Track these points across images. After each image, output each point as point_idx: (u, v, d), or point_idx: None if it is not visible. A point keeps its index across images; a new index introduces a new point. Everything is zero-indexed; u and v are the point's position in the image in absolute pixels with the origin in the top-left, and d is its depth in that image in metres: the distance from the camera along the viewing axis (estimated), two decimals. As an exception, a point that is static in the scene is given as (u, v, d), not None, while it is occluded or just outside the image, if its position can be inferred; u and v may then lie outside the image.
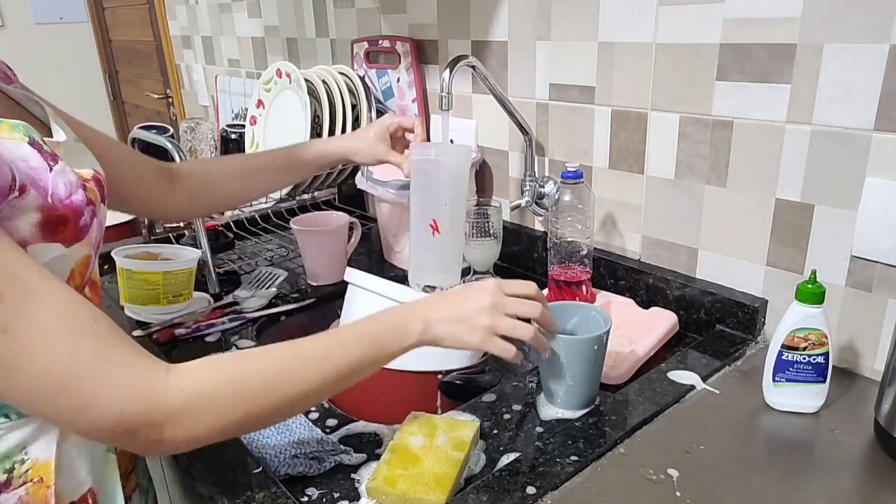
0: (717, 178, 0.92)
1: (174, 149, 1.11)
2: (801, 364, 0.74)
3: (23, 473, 0.59)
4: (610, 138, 1.04)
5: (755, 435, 0.73)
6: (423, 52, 1.33)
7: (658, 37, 0.93)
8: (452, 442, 0.69)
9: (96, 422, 0.50)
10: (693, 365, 0.85)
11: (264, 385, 0.56)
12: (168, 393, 0.52)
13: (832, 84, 0.78)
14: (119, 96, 3.48)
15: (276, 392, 0.56)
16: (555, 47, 1.07)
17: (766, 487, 0.64)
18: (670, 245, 1.00)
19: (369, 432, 0.77)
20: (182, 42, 2.40)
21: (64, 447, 0.62)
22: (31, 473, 0.60)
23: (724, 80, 0.88)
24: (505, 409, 0.80)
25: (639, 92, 0.98)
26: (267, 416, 0.57)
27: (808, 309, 0.72)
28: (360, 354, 0.62)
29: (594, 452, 0.70)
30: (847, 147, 0.78)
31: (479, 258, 1.11)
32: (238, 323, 1.06)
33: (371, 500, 0.65)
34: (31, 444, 0.60)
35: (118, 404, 0.50)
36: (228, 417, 0.54)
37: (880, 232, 0.77)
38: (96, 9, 3.30)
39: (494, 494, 0.64)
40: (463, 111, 1.27)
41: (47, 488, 0.60)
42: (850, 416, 0.75)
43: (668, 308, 0.98)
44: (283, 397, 0.57)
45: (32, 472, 0.60)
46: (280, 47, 1.82)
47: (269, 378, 0.56)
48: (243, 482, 0.68)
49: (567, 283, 1.00)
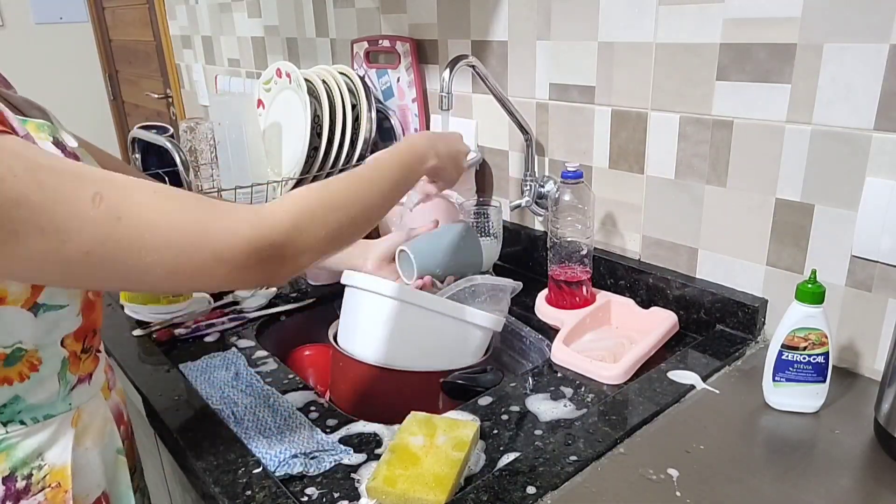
0: (717, 177, 0.92)
1: (174, 149, 1.11)
2: (801, 364, 0.74)
3: (41, 479, 0.60)
4: (610, 138, 1.04)
5: (755, 435, 0.73)
6: (423, 52, 1.33)
7: (658, 37, 0.93)
8: (452, 442, 0.69)
9: (233, 260, 0.54)
10: (693, 365, 0.85)
11: (343, 198, 0.64)
12: (275, 215, 0.57)
13: (832, 84, 0.78)
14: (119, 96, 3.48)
15: (354, 203, 0.64)
16: (555, 47, 1.07)
17: (766, 487, 0.64)
18: (670, 245, 1.00)
19: (369, 432, 0.77)
20: (182, 42, 2.40)
21: (79, 451, 0.63)
22: (49, 479, 0.61)
23: (724, 80, 0.87)
24: (504, 410, 0.80)
25: (639, 92, 0.98)
26: (354, 225, 0.65)
27: (808, 309, 0.72)
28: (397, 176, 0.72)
29: (594, 452, 0.70)
30: (847, 147, 0.78)
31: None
32: (238, 323, 1.06)
33: (371, 500, 0.65)
34: (47, 449, 0.61)
35: (243, 236, 0.54)
36: (329, 226, 0.61)
37: (880, 232, 0.77)
38: (96, 9, 3.30)
39: (494, 494, 0.64)
40: (463, 111, 1.27)
41: (65, 493, 0.62)
42: (850, 416, 0.75)
43: (668, 308, 0.98)
44: (360, 207, 0.65)
45: (50, 478, 0.61)
46: (280, 47, 1.82)
47: (345, 193, 0.64)
48: (243, 482, 0.68)
49: (567, 282, 1.00)
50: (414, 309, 0.84)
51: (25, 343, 0.58)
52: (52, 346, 0.61)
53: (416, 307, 0.84)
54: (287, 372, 0.91)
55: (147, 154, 1.23)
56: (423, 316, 0.84)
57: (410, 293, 0.84)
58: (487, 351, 0.92)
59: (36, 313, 0.58)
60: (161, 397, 0.85)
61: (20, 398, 0.59)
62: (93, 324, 0.66)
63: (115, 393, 0.74)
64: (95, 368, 0.68)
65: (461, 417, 0.78)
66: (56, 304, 0.59)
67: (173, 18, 2.41)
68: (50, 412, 0.61)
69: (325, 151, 1.29)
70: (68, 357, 0.63)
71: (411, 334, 0.85)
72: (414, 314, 0.84)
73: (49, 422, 0.61)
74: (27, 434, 0.60)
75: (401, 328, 0.84)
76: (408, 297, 0.84)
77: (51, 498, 0.61)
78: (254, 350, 0.98)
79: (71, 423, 0.63)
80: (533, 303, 1.07)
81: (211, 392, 0.85)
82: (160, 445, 0.94)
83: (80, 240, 0.49)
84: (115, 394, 0.73)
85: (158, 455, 0.98)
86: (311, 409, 0.83)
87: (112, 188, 0.51)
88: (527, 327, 1.05)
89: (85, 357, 0.65)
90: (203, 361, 0.93)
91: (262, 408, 0.80)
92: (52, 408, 0.61)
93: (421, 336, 0.85)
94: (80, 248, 0.49)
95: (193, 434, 0.77)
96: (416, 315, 0.84)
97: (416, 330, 0.85)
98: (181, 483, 0.90)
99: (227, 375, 0.89)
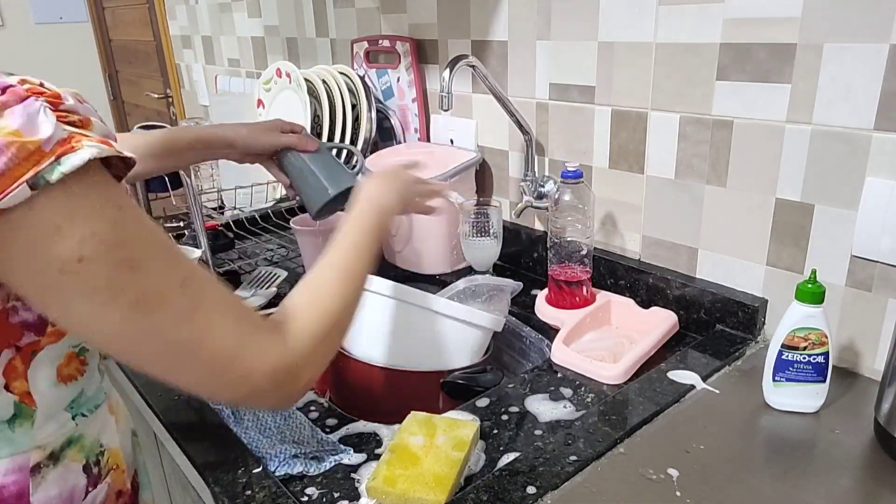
0: (717, 177, 0.92)
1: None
2: (801, 364, 0.74)
3: (106, 462, 0.63)
4: (610, 138, 1.04)
5: (755, 435, 0.73)
6: (423, 52, 1.33)
7: (658, 37, 0.93)
8: (452, 442, 0.69)
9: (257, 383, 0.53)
10: (693, 365, 0.85)
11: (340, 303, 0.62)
12: (298, 341, 0.56)
13: (832, 84, 0.78)
14: (119, 96, 3.48)
15: (351, 305, 0.64)
16: (555, 47, 1.07)
17: (766, 487, 0.64)
18: (670, 245, 1.00)
19: (369, 432, 0.77)
20: (182, 42, 2.40)
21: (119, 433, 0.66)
22: (111, 461, 0.64)
23: (724, 80, 0.87)
24: (504, 409, 0.80)
25: (639, 92, 0.98)
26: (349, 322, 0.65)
27: (808, 308, 0.72)
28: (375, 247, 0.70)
29: (594, 452, 0.70)
30: (847, 147, 0.78)
31: (479, 258, 1.11)
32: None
33: (371, 500, 0.65)
34: (102, 434, 0.64)
35: (271, 363, 0.54)
36: (335, 341, 0.63)
37: (880, 232, 0.77)
38: (96, 9, 3.30)
39: (494, 494, 0.64)
40: (463, 111, 1.27)
41: (122, 472, 0.66)
42: (850, 416, 0.75)
43: (668, 308, 0.98)
44: (354, 304, 0.65)
45: (112, 460, 0.64)
46: (280, 47, 1.82)
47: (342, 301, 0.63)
48: (243, 482, 0.68)
49: (567, 282, 1.00)
50: (414, 309, 0.84)
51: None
52: None
53: (416, 307, 0.84)
54: (287, 372, 0.91)
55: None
56: (423, 316, 0.84)
57: (410, 293, 0.84)
58: (487, 351, 0.92)
59: None
60: (161, 397, 0.85)
61: (83, 392, 0.61)
62: None
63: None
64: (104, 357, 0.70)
65: (461, 417, 0.78)
66: None
67: (173, 18, 2.41)
68: (97, 402, 0.64)
69: (325, 151, 1.29)
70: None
71: (411, 334, 0.85)
72: (414, 314, 0.84)
73: (99, 410, 0.64)
74: (89, 424, 0.62)
75: (401, 328, 0.84)
76: (408, 297, 0.84)
77: (115, 479, 0.64)
78: (254, 350, 0.97)
79: (108, 410, 0.66)
80: (533, 303, 1.07)
81: (211, 392, 0.85)
82: (160, 445, 0.94)
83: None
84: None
85: (158, 455, 0.98)
86: (311, 409, 0.82)
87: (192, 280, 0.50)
88: (527, 327, 1.05)
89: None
90: (203, 361, 0.93)
91: (262, 408, 0.80)
92: (97, 398, 0.64)
93: (421, 336, 0.85)
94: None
95: (193, 434, 0.77)
96: (416, 315, 0.84)
97: (416, 330, 0.85)
98: (181, 483, 0.90)
99: (228, 375, 0.89)
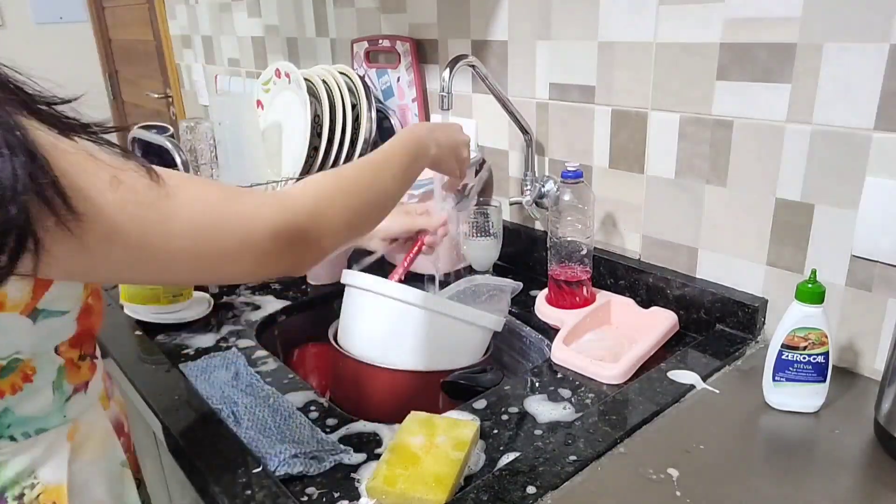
0: (717, 177, 0.92)
1: (174, 148, 1.11)
2: (801, 364, 0.74)
3: (34, 499, 0.57)
4: (610, 138, 1.04)
5: (755, 435, 0.73)
6: (423, 52, 1.33)
7: (658, 36, 0.93)
8: (452, 442, 0.69)
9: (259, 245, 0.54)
10: (693, 364, 0.85)
11: (358, 184, 0.65)
12: (297, 199, 0.57)
13: (832, 84, 0.78)
14: (119, 96, 3.48)
15: (369, 188, 0.66)
16: (555, 47, 1.07)
17: (766, 487, 0.64)
18: (670, 245, 1.00)
19: (369, 432, 0.77)
20: (182, 42, 2.40)
21: (76, 467, 0.60)
22: (44, 498, 0.57)
23: (725, 80, 0.87)
24: (504, 409, 0.80)
25: (639, 91, 0.98)
26: (370, 211, 0.66)
27: (808, 308, 0.72)
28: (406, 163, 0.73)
29: (594, 452, 0.70)
30: (847, 147, 0.78)
31: (479, 257, 1.11)
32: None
33: (371, 500, 0.65)
34: (40, 467, 0.57)
35: (267, 219, 0.54)
36: (348, 210, 0.62)
37: (880, 232, 0.77)
38: (96, 8, 3.30)
39: (494, 494, 0.64)
40: (463, 111, 1.27)
41: None
42: (850, 416, 0.75)
43: (668, 308, 0.98)
44: (374, 193, 0.66)
45: (44, 497, 0.57)
46: (280, 47, 1.82)
47: (360, 179, 0.65)
48: (243, 482, 0.68)
49: (567, 282, 1.00)
50: (414, 309, 0.84)
51: (23, 352, 0.54)
52: (46, 353, 0.57)
53: (416, 307, 0.84)
54: (287, 372, 0.91)
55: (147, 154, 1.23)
56: (423, 316, 0.84)
57: (411, 293, 0.84)
58: (487, 351, 0.92)
59: (35, 320, 0.53)
60: (161, 397, 0.85)
61: (10, 411, 0.55)
62: (90, 329, 0.61)
63: (115, 403, 0.69)
64: (93, 376, 0.63)
65: (461, 417, 0.78)
66: (57, 310, 0.55)
67: (173, 18, 2.41)
68: (43, 426, 0.57)
69: (325, 151, 1.29)
70: (64, 365, 0.58)
71: (411, 334, 0.85)
72: (414, 314, 0.84)
73: (42, 436, 0.57)
74: (17, 451, 0.56)
75: (401, 328, 0.84)
76: (408, 297, 0.84)
77: None
78: (254, 350, 0.98)
79: (67, 437, 0.59)
80: (533, 303, 1.07)
81: (211, 392, 0.85)
82: (160, 445, 0.94)
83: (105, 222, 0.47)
84: (114, 404, 0.69)
85: (158, 455, 0.98)
86: (311, 409, 0.83)
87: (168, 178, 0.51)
88: (527, 327, 1.05)
89: (83, 364, 0.61)
90: (203, 361, 0.93)
91: (262, 407, 0.80)
92: (46, 421, 0.57)
93: (421, 336, 0.85)
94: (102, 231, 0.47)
95: (193, 434, 0.77)
96: (416, 315, 0.84)
97: (417, 330, 0.85)
98: (181, 483, 0.90)
99: (227, 375, 0.89)
